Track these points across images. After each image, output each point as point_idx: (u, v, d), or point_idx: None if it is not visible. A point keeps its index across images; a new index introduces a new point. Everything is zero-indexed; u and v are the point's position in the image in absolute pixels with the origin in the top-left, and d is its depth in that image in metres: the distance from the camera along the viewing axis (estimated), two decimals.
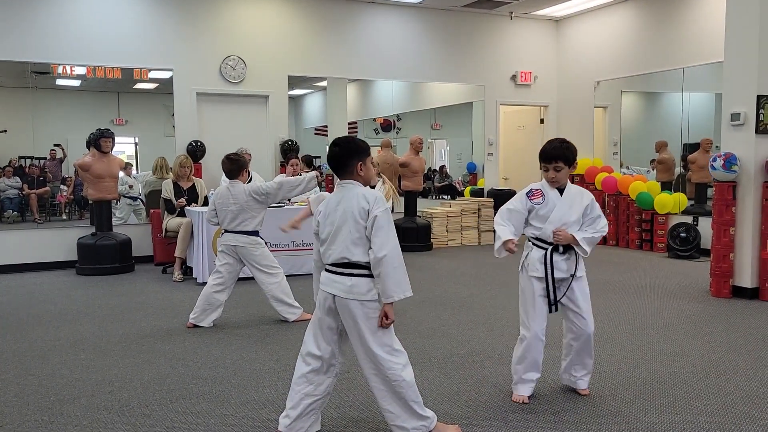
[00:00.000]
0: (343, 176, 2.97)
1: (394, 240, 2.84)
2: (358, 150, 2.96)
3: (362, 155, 2.96)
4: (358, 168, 2.94)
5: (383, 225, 2.81)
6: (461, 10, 10.39)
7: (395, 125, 10.86)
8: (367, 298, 2.87)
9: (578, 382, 3.65)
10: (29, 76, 8.40)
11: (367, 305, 2.88)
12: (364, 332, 2.89)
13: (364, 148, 3.00)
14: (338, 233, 2.88)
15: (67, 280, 7.47)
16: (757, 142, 6.04)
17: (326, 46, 9.63)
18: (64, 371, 4.14)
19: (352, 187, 2.94)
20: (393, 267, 2.79)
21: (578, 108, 10.86)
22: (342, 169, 2.96)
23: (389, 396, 2.91)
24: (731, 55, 6.21)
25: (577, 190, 3.60)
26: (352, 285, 2.87)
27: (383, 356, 2.88)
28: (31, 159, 9.11)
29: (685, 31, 9.06)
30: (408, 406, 2.90)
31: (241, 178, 5.25)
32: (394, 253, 2.81)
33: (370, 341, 2.88)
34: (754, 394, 3.64)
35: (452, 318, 5.46)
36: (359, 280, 2.87)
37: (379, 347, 2.88)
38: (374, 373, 2.92)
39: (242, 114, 9.14)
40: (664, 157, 9.74)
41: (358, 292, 2.86)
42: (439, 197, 11.74)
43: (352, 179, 2.95)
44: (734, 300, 6.08)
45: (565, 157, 3.47)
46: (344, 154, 2.95)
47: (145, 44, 8.60)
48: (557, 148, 3.50)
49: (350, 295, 2.87)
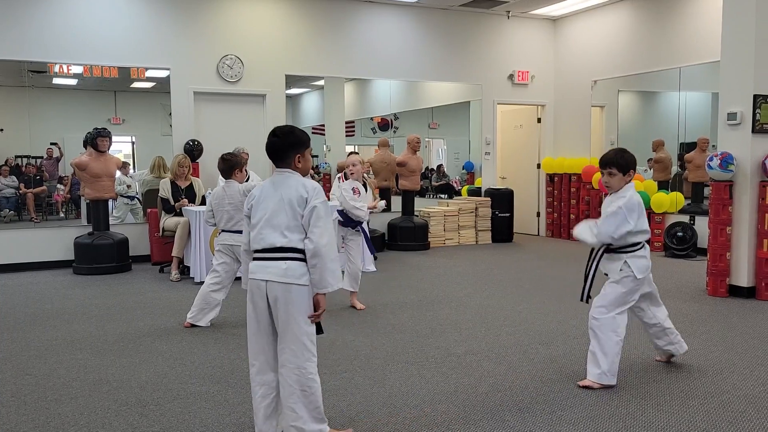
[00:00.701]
0: (281, 166, 2.95)
1: (332, 231, 2.88)
2: (297, 142, 2.94)
3: (301, 147, 2.94)
4: (296, 159, 2.93)
5: (322, 215, 2.81)
6: (458, 10, 10.39)
7: (392, 124, 10.86)
8: (301, 282, 2.84)
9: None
10: (26, 75, 8.38)
11: (302, 290, 2.84)
12: (296, 317, 2.83)
13: (304, 140, 2.97)
14: (273, 218, 2.86)
15: (64, 279, 7.46)
16: (753, 142, 6.06)
17: (323, 46, 9.62)
18: (61, 371, 4.14)
19: (290, 175, 2.92)
20: (330, 258, 2.80)
21: (575, 107, 10.87)
22: (280, 160, 2.94)
23: (297, 395, 2.85)
24: (728, 54, 6.23)
25: (615, 195, 3.79)
26: (287, 268, 2.83)
27: (307, 345, 2.84)
28: (27, 158, 9.08)
29: (682, 30, 9.08)
30: (313, 409, 2.86)
31: (237, 177, 5.25)
32: (332, 244, 2.83)
33: (298, 329, 2.84)
34: (751, 393, 3.65)
35: (449, 317, 5.46)
36: (293, 263, 2.83)
37: (306, 336, 2.85)
38: (292, 367, 2.84)
39: (239, 113, 9.13)
40: (661, 156, 9.75)
41: (293, 276, 2.83)
42: (436, 196, 11.74)
43: (290, 169, 2.94)
44: (731, 299, 6.09)
45: (618, 164, 3.71)
46: (283, 145, 2.94)
47: (142, 43, 8.58)
48: (609, 156, 3.77)
49: (285, 279, 2.83)
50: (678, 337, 4.05)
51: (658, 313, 3.97)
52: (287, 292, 2.84)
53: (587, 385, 3.72)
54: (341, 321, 5.35)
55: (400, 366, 4.15)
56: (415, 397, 3.61)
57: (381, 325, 5.22)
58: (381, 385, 3.81)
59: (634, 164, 3.80)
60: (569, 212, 10.61)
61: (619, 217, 3.67)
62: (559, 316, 5.45)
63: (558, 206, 10.83)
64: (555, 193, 10.90)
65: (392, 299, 6.11)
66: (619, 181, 3.73)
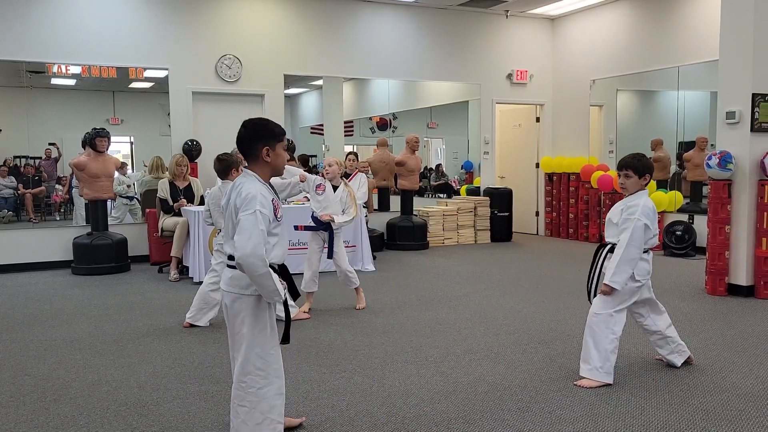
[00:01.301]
0: (249, 161, 2.80)
1: (254, 245, 2.57)
2: (265, 133, 2.77)
3: (270, 140, 2.76)
4: (263, 153, 2.75)
5: (246, 227, 2.60)
6: (457, 9, 10.39)
7: (391, 124, 10.85)
8: (248, 292, 2.72)
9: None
10: (24, 75, 8.37)
11: (248, 300, 2.73)
12: (241, 328, 2.74)
13: (275, 132, 2.79)
14: (226, 224, 2.79)
15: (62, 279, 7.46)
16: (752, 141, 6.06)
17: (322, 45, 9.62)
18: (60, 371, 4.14)
19: (245, 177, 2.76)
20: (255, 273, 2.59)
21: (574, 106, 10.87)
22: (247, 153, 2.78)
23: (236, 409, 2.76)
24: (726, 53, 6.23)
25: (636, 197, 3.79)
26: (232, 277, 2.76)
27: (251, 359, 2.73)
28: (26, 158, 9.07)
29: (681, 29, 9.08)
30: (253, 426, 2.74)
31: (233, 177, 5.22)
32: (254, 256, 2.56)
33: (242, 340, 2.74)
34: (750, 391, 3.66)
35: (448, 316, 5.46)
36: (237, 272, 2.72)
37: (252, 349, 2.73)
38: (235, 379, 2.77)
39: (238, 113, 9.10)
40: (660, 155, 9.75)
41: (239, 285, 2.73)
42: (435, 196, 11.74)
43: (257, 166, 2.78)
44: (730, 298, 6.10)
45: (634, 167, 3.77)
46: (248, 137, 2.77)
47: (140, 43, 8.58)
48: (627, 158, 3.84)
49: (230, 288, 2.76)
50: (681, 347, 4.04)
51: (659, 321, 3.96)
52: (232, 302, 2.76)
53: (583, 384, 3.72)
54: (340, 321, 5.35)
55: (399, 365, 4.15)
56: (414, 397, 3.61)
57: (380, 324, 5.22)
58: (380, 384, 3.81)
59: (651, 170, 3.85)
60: (568, 211, 10.61)
61: (642, 230, 3.69)
62: (558, 316, 5.45)
63: (557, 205, 10.82)
64: (554, 192, 10.90)
65: (391, 299, 6.11)
66: (634, 184, 3.79)
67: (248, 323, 2.74)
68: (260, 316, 2.76)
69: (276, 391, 2.80)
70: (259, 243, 2.59)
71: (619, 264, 3.67)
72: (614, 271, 3.67)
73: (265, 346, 2.76)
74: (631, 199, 3.79)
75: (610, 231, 3.89)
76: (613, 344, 3.73)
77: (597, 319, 3.74)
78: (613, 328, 3.74)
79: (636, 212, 3.69)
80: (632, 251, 3.67)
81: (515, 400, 3.56)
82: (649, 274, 3.82)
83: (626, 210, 3.75)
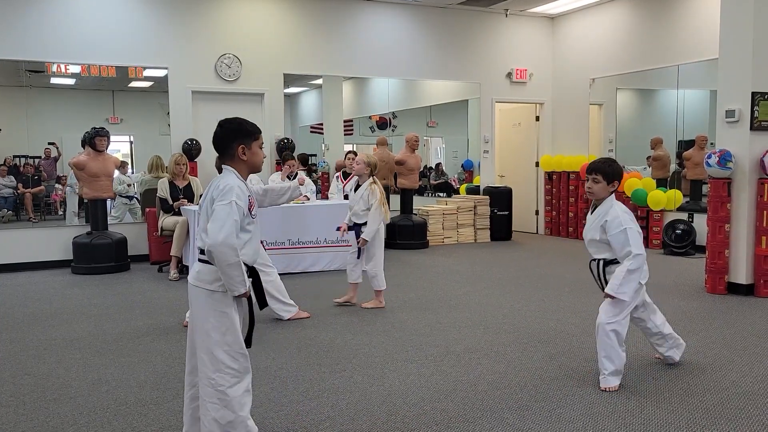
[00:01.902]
0: (225, 159, 2.81)
1: (226, 233, 2.58)
2: (239, 131, 2.79)
3: (245, 138, 2.78)
4: (239, 151, 2.77)
5: (219, 216, 2.61)
6: (457, 8, 10.38)
7: (391, 123, 10.85)
8: (212, 288, 2.70)
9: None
10: (23, 75, 8.37)
11: (213, 296, 2.71)
12: (204, 324, 2.71)
13: (250, 130, 2.81)
14: (202, 219, 2.78)
15: (62, 279, 7.45)
16: (751, 139, 6.05)
17: (322, 44, 9.61)
18: (60, 371, 4.14)
19: (225, 174, 2.78)
20: (224, 262, 2.59)
21: (574, 105, 10.87)
22: (222, 152, 2.81)
23: (205, 407, 2.73)
24: (726, 52, 6.22)
25: (603, 208, 3.67)
26: (199, 271, 2.74)
27: (218, 356, 2.69)
28: (25, 158, 9.07)
29: (680, 28, 9.08)
30: (225, 424, 2.71)
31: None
32: (221, 248, 2.57)
33: (206, 337, 2.71)
34: (750, 390, 3.66)
35: (448, 315, 5.46)
36: (205, 267, 2.72)
37: (218, 346, 2.70)
38: (202, 376, 2.73)
39: (238, 112, 8.91)
40: (660, 153, 9.75)
41: (204, 280, 2.71)
42: (435, 195, 11.74)
43: (234, 164, 2.79)
44: (729, 296, 6.10)
45: (603, 172, 3.66)
46: (223, 135, 2.79)
47: (139, 42, 8.57)
48: (596, 162, 3.76)
49: (196, 282, 2.74)
50: (677, 340, 4.03)
51: (656, 321, 3.94)
52: (196, 297, 2.75)
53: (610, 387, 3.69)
54: (340, 320, 5.35)
55: (399, 364, 4.15)
56: (414, 396, 3.61)
57: (380, 323, 5.22)
58: (380, 383, 3.81)
59: (621, 176, 3.72)
60: (568, 210, 10.61)
61: (638, 235, 3.61)
62: (557, 314, 5.45)
63: (557, 204, 10.82)
64: (553, 191, 10.90)
65: (391, 298, 6.11)
66: (602, 189, 3.65)
67: (213, 319, 2.71)
68: (226, 311, 2.72)
69: (245, 388, 2.78)
70: (232, 233, 2.60)
71: (627, 275, 3.56)
72: (621, 282, 3.56)
73: (233, 343, 2.73)
74: (604, 211, 3.64)
75: (595, 248, 3.74)
76: (623, 347, 3.70)
77: (609, 328, 3.68)
78: (621, 333, 3.69)
79: (620, 223, 3.58)
80: (639, 260, 3.58)
81: (515, 398, 3.56)
82: (647, 274, 3.78)
83: (609, 225, 3.61)
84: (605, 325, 3.66)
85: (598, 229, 3.67)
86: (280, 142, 9.17)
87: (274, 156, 9.23)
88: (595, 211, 3.73)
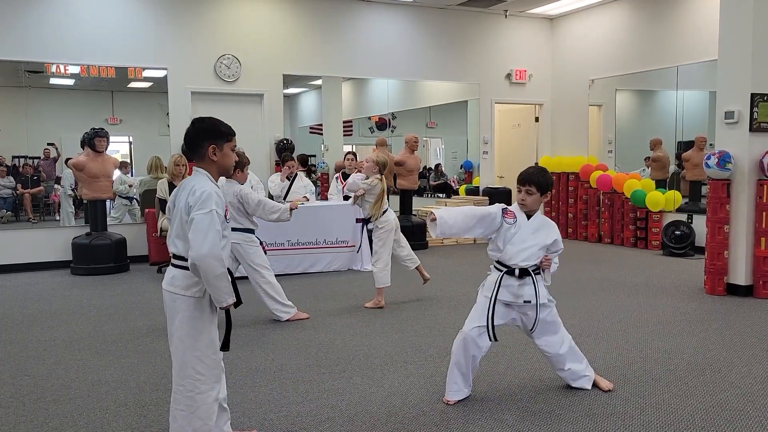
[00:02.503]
0: (195, 159, 2.76)
1: (210, 244, 2.54)
2: (212, 131, 2.73)
3: (217, 138, 2.73)
4: (210, 151, 2.71)
5: (202, 228, 2.54)
6: (456, 9, 10.39)
7: (390, 124, 10.86)
8: (187, 294, 2.68)
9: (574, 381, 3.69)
10: (23, 75, 8.37)
11: (187, 302, 2.68)
12: (178, 330, 2.69)
13: (222, 131, 2.76)
14: (172, 223, 2.73)
15: (61, 280, 7.45)
16: (750, 140, 6.06)
17: (321, 45, 9.62)
18: (60, 371, 4.13)
19: (196, 176, 2.73)
20: (211, 274, 2.55)
21: (573, 106, 10.88)
22: (193, 151, 2.74)
23: (176, 413, 2.70)
24: (725, 53, 6.23)
25: (544, 220, 3.57)
26: (173, 277, 2.71)
27: (189, 362, 2.67)
28: (24, 158, 9.06)
29: (680, 29, 9.09)
30: (197, 430, 2.67)
31: (237, 177, 5.19)
32: (208, 260, 2.52)
33: (179, 343, 2.69)
34: (749, 391, 3.66)
35: (448, 316, 5.46)
36: (180, 273, 2.69)
37: (190, 351, 2.68)
38: (174, 382, 2.72)
39: (237, 113, 9.11)
40: (659, 155, 9.76)
41: (179, 285, 2.69)
42: (434, 196, 11.74)
43: (204, 164, 2.74)
44: (729, 297, 6.10)
45: (537, 183, 3.46)
46: (195, 134, 2.73)
47: (139, 43, 8.57)
48: (531, 173, 3.51)
49: (170, 287, 2.72)
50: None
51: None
52: (172, 302, 2.71)
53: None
54: (340, 321, 5.35)
55: (399, 366, 4.15)
56: (413, 397, 3.61)
57: (379, 324, 5.22)
58: (379, 384, 3.81)
59: (552, 187, 3.62)
60: (567, 211, 10.62)
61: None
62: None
63: (556, 205, 10.83)
64: (552, 191, 10.90)
65: (390, 299, 6.10)
66: (536, 201, 3.48)
67: (187, 325, 2.68)
68: (200, 317, 2.69)
69: (214, 397, 2.73)
70: (216, 243, 2.55)
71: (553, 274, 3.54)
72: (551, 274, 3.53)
73: (205, 350, 2.70)
74: (542, 226, 3.50)
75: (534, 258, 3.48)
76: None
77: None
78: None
79: (559, 243, 3.54)
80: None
81: (514, 399, 3.56)
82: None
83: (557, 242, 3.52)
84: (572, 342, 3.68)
85: (543, 242, 3.48)
86: (279, 142, 9.17)
87: (274, 157, 9.23)
88: (530, 220, 3.50)
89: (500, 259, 3.50)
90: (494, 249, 3.53)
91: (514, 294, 3.46)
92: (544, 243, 3.49)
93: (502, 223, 3.48)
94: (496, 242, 3.51)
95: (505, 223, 3.47)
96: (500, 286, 3.44)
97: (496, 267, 3.53)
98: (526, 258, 3.43)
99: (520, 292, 3.46)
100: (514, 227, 3.47)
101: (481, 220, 3.48)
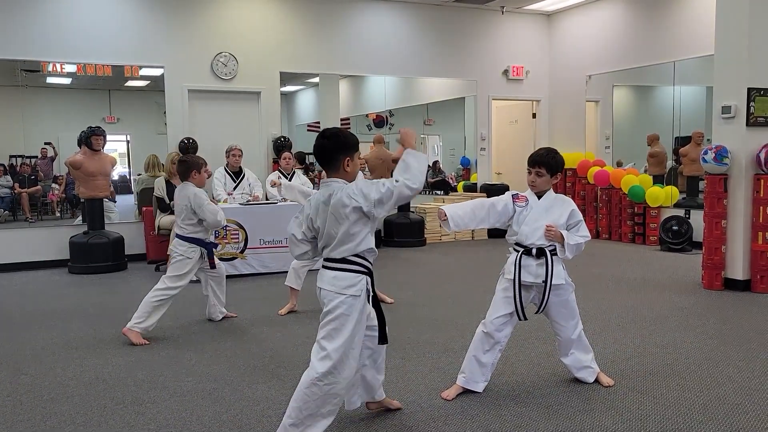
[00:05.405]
0: (330, 171, 2.86)
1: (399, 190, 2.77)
2: (347, 144, 2.85)
3: (350, 150, 2.85)
4: (345, 163, 2.83)
5: (385, 191, 2.76)
6: (452, 6, 10.38)
7: (388, 121, 10.85)
8: (349, 293, 2.84)
9: (577, 373, 3.70)
10: (19, 74, 8.35)
11: (347, 301, 2.84)
12: (345, 331, 2.84)
13: (353, 142, 2.89)
14: (329, 228, 2.80)
15: (59, 278, 7.44)
16: (747, 135, 6.07)
17: (318, 43, 9.61)
18: (57, 370, 4.13)
19: (338, 183, 2.83)
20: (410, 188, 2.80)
21: (570, 102, 10.88)
22: (328, 164, 2.85)
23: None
24: (721, 48, 6.23)
25: (556, 197, 3.65)
26: (334, 276, 2.83)
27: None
28: (22, 157, 9.05)
29: (676, 24, 9.09)
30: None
31: (193, 179, 5.02)
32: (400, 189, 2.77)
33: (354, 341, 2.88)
34: (746, 385, 3.66)
35: (446, 313, 5.46)
36: (339, 273, 2.83)
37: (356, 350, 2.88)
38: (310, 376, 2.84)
39: (234, 111, 9.10)
40: (656, 150, 9.77)
41: (339, 285, 2.82)
42: (432, 192, 11.75)
43: (338, 174, 2.84)
44: (726, 292, 6.11)
45: (547, 164, 3.57)
46: (332, 148, 2.83)
47: (135, 41, 8.55)
48: (541, 155, 3.63)
49: (331, 287, 2.84)
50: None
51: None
52: (332, 301, 2.82)
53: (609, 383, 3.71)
54: None
55: (397, 362, 4.15)
56: (412, 393, 3.61)
57: None
58: None
59: (563, 167, 3.67)
60: None
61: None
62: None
63: None
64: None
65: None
66: (546, 182, 3.60)
67: (351, 322, 2.81)
68: (361, 318, 2.85)
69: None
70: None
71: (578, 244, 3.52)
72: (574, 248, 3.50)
73: (357, 346, 2.87)
74: (554, 204, 3.58)
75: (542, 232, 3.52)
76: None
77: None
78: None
79: (577, 214, 3.60)
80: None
81: (513, 395, 3.56)
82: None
83: (573, 213, 3.59)
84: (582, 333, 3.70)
85: (558, 217, 3.55)
86: (276, 140, 9.16)
87: (271, 154, 9.22)
88: (541, 200, 3.60)
89: (517, 240, 3.57)
90: (511, 233, 3.61)
91: (534, 274, 3.51)
92: (559, 221, 3.54)
93: (515, 209, 3.56)
94: (513, 226, 3.59)
95: (517, 207, 3.56)
96: (521, 267, 3.50)
97: (515, 248, 3.58)
98: (541, 237, 3.50)
99: (539, 271, 3.50)
100: (526, 209, 3.56)
101: (491, 208, 3.57)
